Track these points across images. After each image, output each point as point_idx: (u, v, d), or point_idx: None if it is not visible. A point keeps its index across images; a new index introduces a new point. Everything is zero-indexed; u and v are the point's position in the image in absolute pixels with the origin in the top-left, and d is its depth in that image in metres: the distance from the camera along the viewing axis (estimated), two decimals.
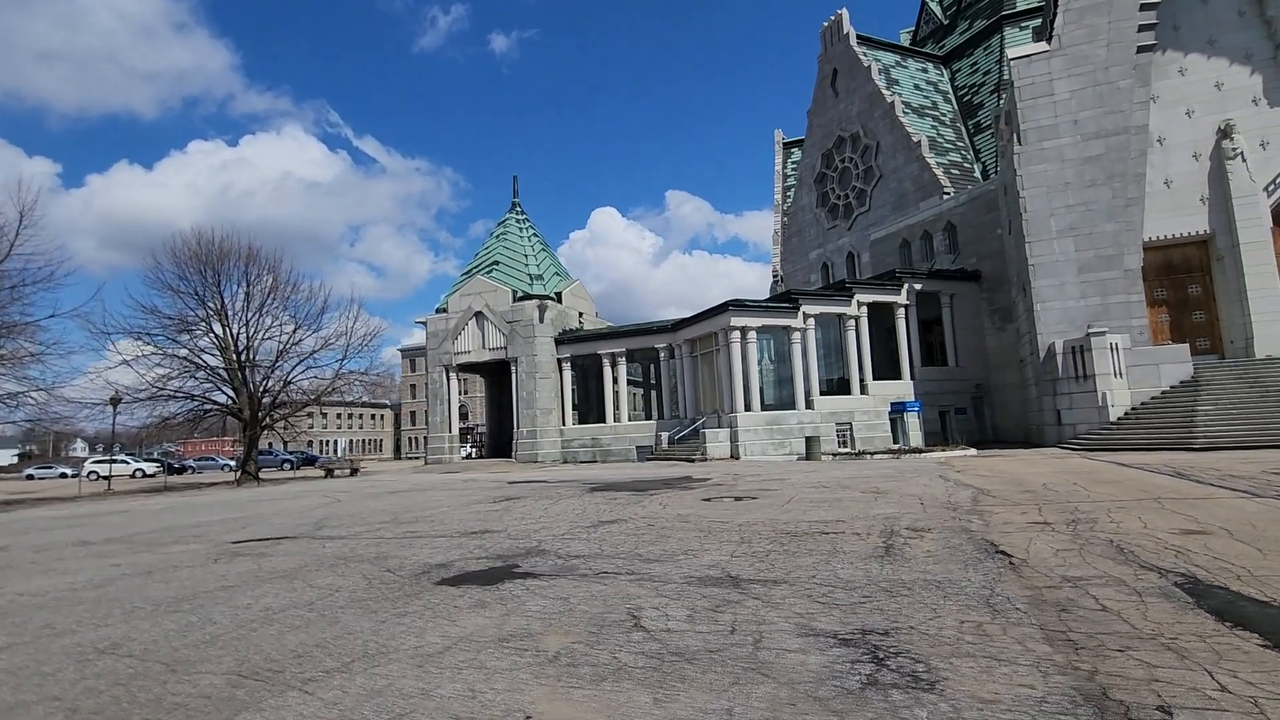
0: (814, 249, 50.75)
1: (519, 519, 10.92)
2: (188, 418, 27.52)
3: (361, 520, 11.96)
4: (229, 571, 7.61)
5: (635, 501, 12.60)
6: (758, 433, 25.97)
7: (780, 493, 12.90)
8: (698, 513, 10.53)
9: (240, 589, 6.62)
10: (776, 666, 3.76)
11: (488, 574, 6.70)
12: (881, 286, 29.37)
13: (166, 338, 26.48)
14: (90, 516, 16.87)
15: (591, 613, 5.07)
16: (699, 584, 5.84)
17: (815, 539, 7.78)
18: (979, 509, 9.54)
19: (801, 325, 27.44)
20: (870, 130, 44.37)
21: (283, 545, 9.47)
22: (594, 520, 10.16)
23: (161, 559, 8.89)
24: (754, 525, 8.95)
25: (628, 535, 8.62)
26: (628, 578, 6.22)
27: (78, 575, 7.97)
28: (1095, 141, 24.71)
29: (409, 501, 15.27)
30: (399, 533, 10.04)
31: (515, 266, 36.37)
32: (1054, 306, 24.79)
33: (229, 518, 14.13)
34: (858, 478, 15.47)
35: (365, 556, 8.08)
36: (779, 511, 10.16)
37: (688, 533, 8.60)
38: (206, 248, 27.18)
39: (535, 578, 6.40)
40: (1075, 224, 24.76)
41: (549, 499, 13.99)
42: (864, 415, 27.71)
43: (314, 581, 6.78)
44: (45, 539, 12.17)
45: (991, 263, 31.21)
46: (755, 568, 6.40)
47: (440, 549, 8.32)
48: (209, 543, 10.39)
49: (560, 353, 34.26)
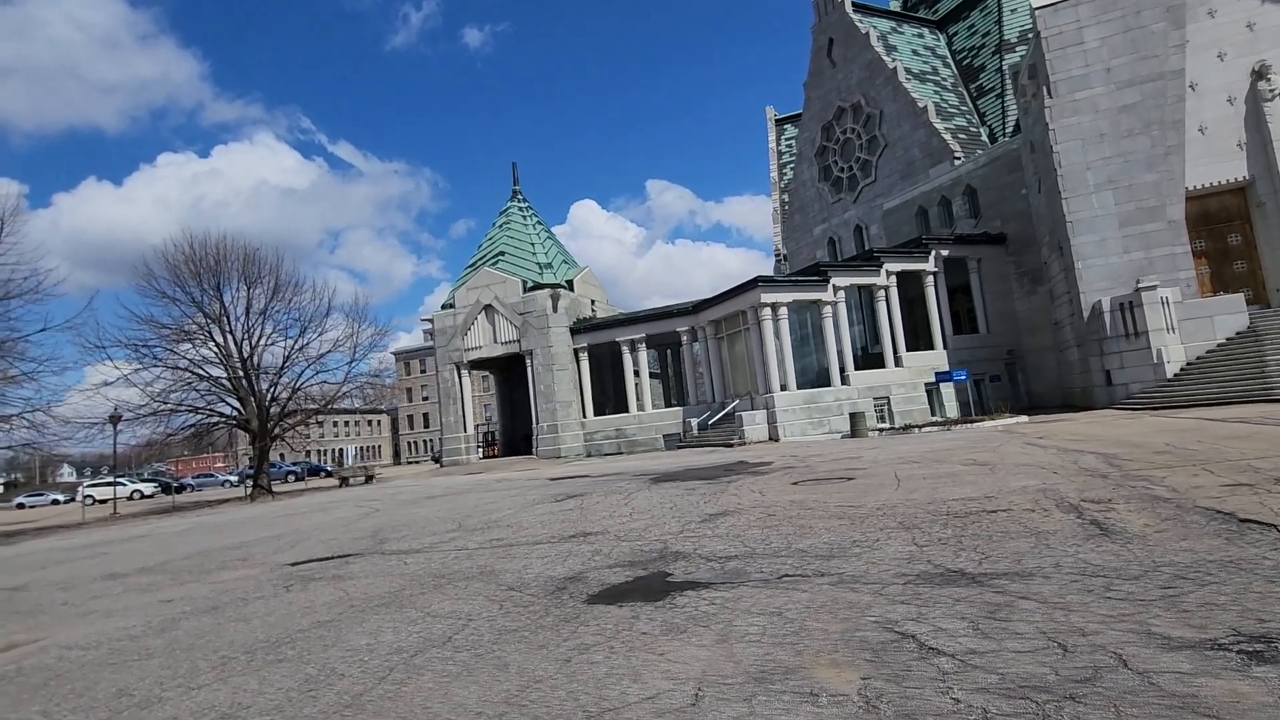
0: (818, 224, 49.69)
1: (607, 517, 9.77)
2: (194, 432, 26.09)
3: (425, 530, 10.76)
4: (313, 601, 6.42)
5: (719, 491, 11.48)
6: (795, 412, 24.93)
7: (874, 471, 11.83)
8: (808, 498, 9.43)
9: (342, 625, 5.44)
10: (1208, 702, 2.66)
11: (641, 586, 5.57)
12: (909, 254, 28.35)
13: (165, 348, 25.01)
14: (107, 544, 15.54)
15: (836, 631, 3.96)
16: (926, 583, 4.74)
17: (988, 518, 6.71)
18: (1136, 473, 8.50)
19: (832, 298, 26.37)
20: (872, 99, 43.25)
21: (353, 565, 8.27)
22: (699, 514, 9.03)
23: (218, 590, 7.68)
24: (894, 508, 7.86)
25: (760, 528, 7.50)
26: (824, 580, 5.10)
27: (128, 617, 6.75)
28: (1130, 89, 23.74)
29: (459, 506, 14.07)
30: (480, 542, 8.87)
31: (522, 256, 35.00)
32: (1096, 263, 23.87)
33: (265, 536, 12.88)
34: (937, 450, 14.44)
35: (466, 573, 6.91)
36: (903, 491, 9.08)
37: (827, 521, 7.50)
38: (201, 251, 25.67)
39: (707, 587, 5.27)
40: (1114, 176, 23.81)
41: (616, 493, 12.85)
42: (900, 388, 26.75)
43: (428, 609, 5.62)
44: (68, 573, 10.89)
45: (1017, 224, 30.27)
46: (966, 558, 5.31)
47: (551, 558, 7.16)
48: (262, 566, 9.17)
49: (576, 342, 32.99)
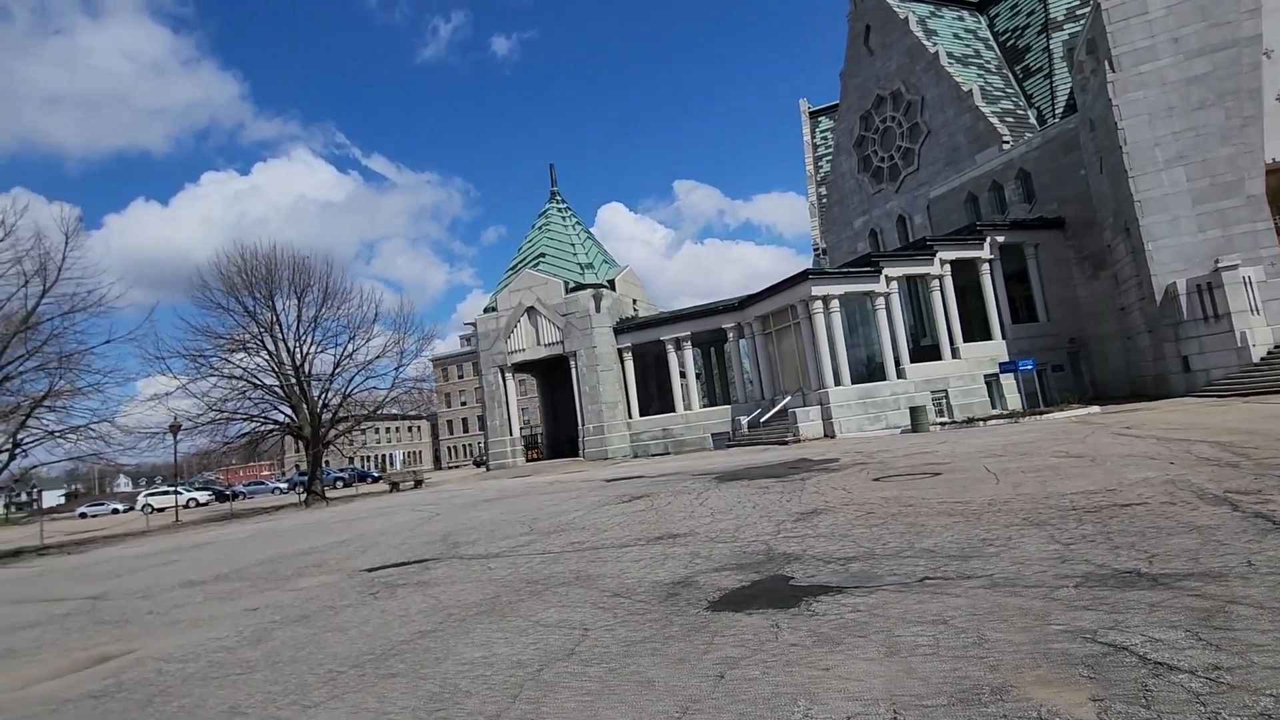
0: (859, 216, 48.66)
1: (686, 518, 9.36)
2: (249, 440, 26.45)
3: (496, 534, 10.49)
4: (406, 610, 6.14)
5: (796, 489, 10.99)
6: (851, 408, 24.20)
7: (959, 466, 11.21)
8: (902, 494, 8.89)
9: (446, 635, 5.13)
10: None
11: (763, 592, 5.14)
12: (964, 242, 27.36)
13: (220, 358, 25.40)
14: (175, 551, 15.69)
15: (1023, 642, 3.48)
16: (1099, 585, 4.23)
17: (1125, 513, 6.12)
18: (1271, 461, 7.78)
19: (885, 289, 25.56)
20: (913, 85, 42.15)
21: (435, 570, 8.01)
22: (788, 513, 8.56)
23: (301, 598, 7.48)
24: (1006, 503, 7.30)
25: (865, 527, 7.01)
26: (973, 584, 4.61)
27: (217, 627, 6.57)
28: (1200, 59, 22.49)
29: (520, 508, 13.81)
30: (561, 545, 8.54)
31: (563, 257, 34.82)
32: (1168, 244, 22.66)
33: (332, 541, 12.79)
34: (1016, 443, 13.70)
35: (560, 578, 6.57)
36: (1006, 486, 8.48)
37: (937, 519, 6.97)
38: (253, 261, 26.05)
39: (840, 592, 4.83)
40: (1184, 151, 22.58)
41: (684, 493, 12.44)
42: (959, 380, 25.79)
43: (533, 618, 5.28)
44: (144, 581, 10.90)
45: (1076, 207, 29.01)
46: (1129, 557, 4.76)
47: (646, 562, 6.78)
48: (338, 572, 8.99)
49: (620, 342, 32.66)
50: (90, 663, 5.88)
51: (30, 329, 19.13)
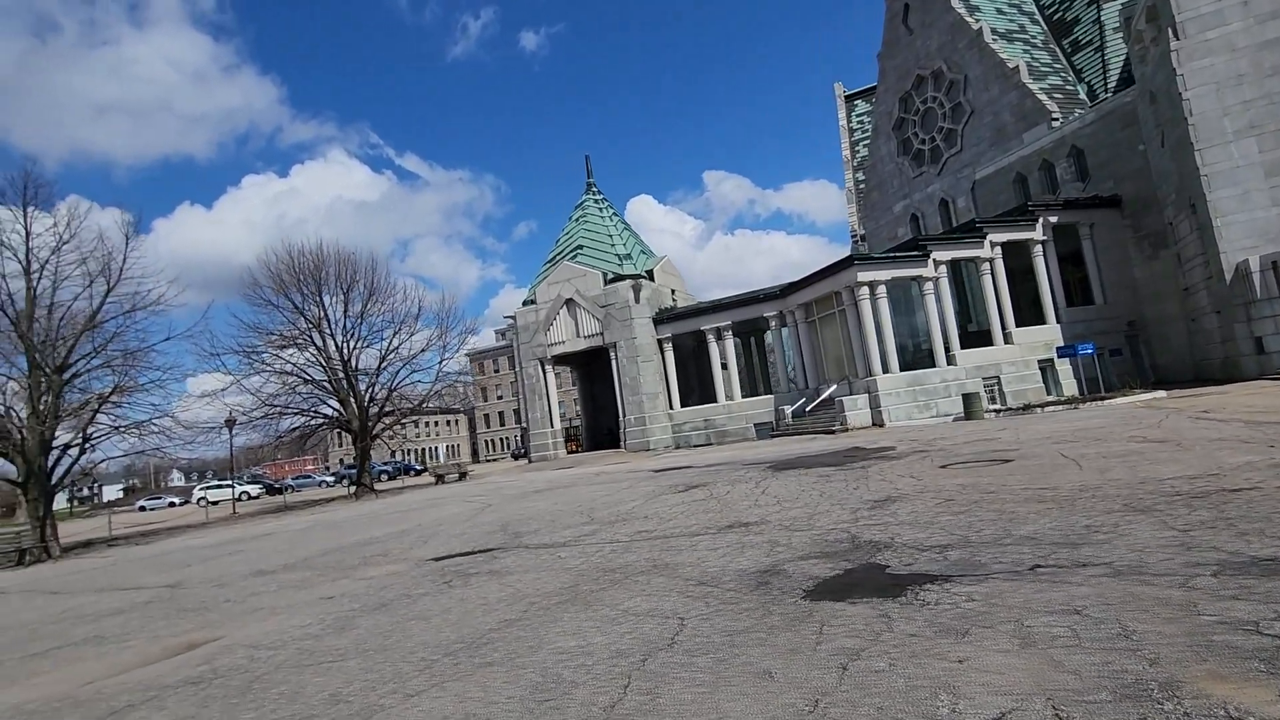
0: (898, 201, 47.53)
1: (752, 506, 9.17)
2: (301, 434, 27.05)
3: (555, 524, 10.44)
4: (485, 597, 6.09)
5: (858, 476, 10.70)
6: (899, 395, 23.64)
7: (1030, 452, 10.78)
8: (978, 481, 8.56)
9: (533, 624, 5.05)
10: None
11: (860, 580, 4.94)
12: (1015, 223, 26.45)
13: (271, 354, 25.99)
14: (240, 542, 16.07)
15: (1176, 634, 3.23)
16: (1239, 573, 3.93)
17: (1239, 498, 5.74)
18: None
19: (933, 274, 24.87)
20: (955, 64, 40.92)
21: (504, 559, 7.97)
22: (860, 501, 8.31)
23: (374, 587, 7.51)
24: (1098, 488, 6.94)
25: (950, 514, 6.74)
26: (1093, 572, 4.34)
27: (297, 615, 6.61)
28: (1273, 23, 21.28)
29: (573, 499, 13.78)
30: (628, 534, 8.43)
31: (601, 248, 34.73)
32: (1238, 219, 21.56)
33: (391, 532, 12.92)
34: (1086, 429, 13.15)
35: (637, 567, 6.45)
36: (1092, 473, 8.10)
37: (1026, 505, 6.66)
38: (299, 259, 26.55)
39: (948, 581, 4.60)
40: (1256, 121, 21.42)
41: (742, 482, 12.24)
42: (1011, 366, 25.00)
43: (621, 606, 5.16)
44: (216, 570, 11.14)
45: (1133, 184, 27.81)
46: (1263, 544, 4.43)
47: (723, 550, 6.62)
48: (404, 561, 9.03)
49: (660, 333, 32.47)
50: (181, 649, 5.97)
51: (95, 328, 19.85)
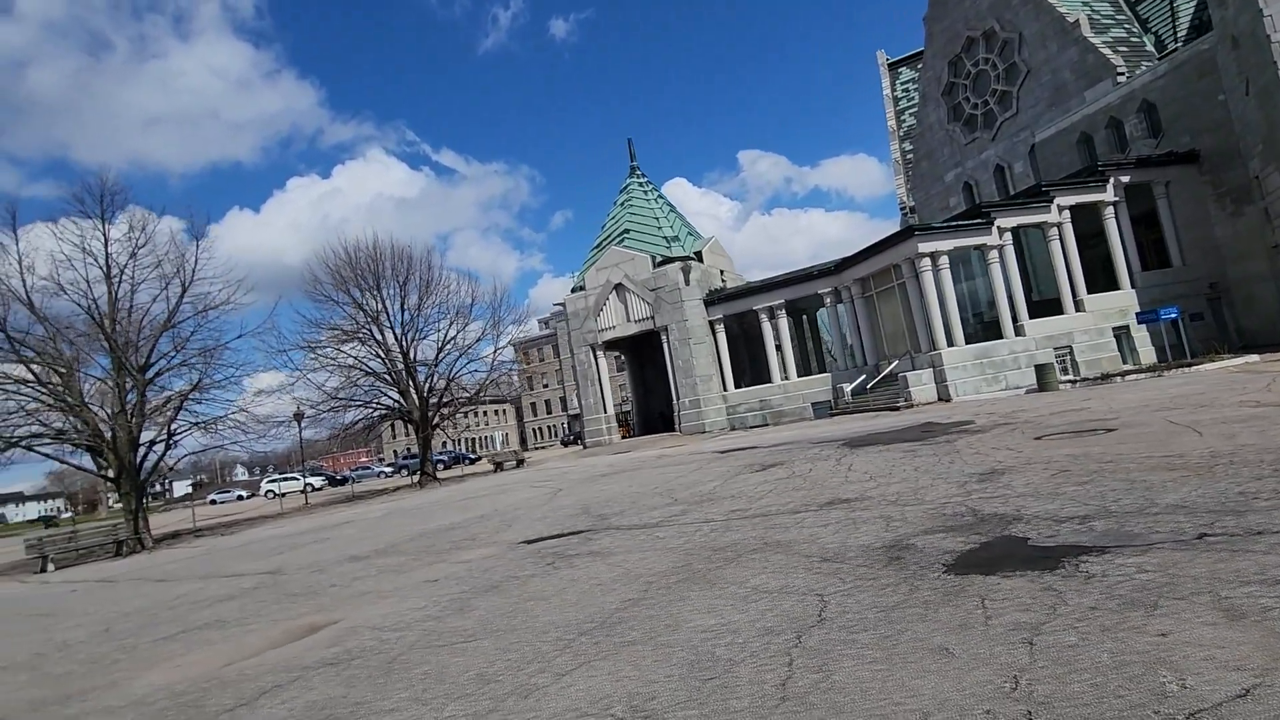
0: (950, 170, 45.90)
1: (843, 483, 8.96)
2: (366, 425, 27.79)
3: (638, 505, 10.41)
4: (596, 577, 6.07)
5: (947, 451, 10.36)
6: (966, 369, 22.93)
7: (1131, 421, 10.26)
8: (1088, 451, 8.17)
9: (660, 602, 4.98)
10: None
11: (1000, 554, 4.72)
12: (1083, 185, 25.23)
13: (334, 348, 26.70)
14: (321, 530, 16.58)
15: None
16: None
17: None
18: None
19: (998, 241, 23.95)
20: (1008, 22, 39.10)
21: (599, 541, 7.96)
22: (962, 474, 8.02)
23: (475, 570, 7.58)
24: (1231, 455, 6.52)
25: (1071, 485, 6.42)
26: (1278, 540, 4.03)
27: (407, 598, 6.71)
28: None
29: (646, 481, 13.75)
30: (721, 513, 8.32)
31: (648, 231, 34.52)
32: None
33: (470, 517, 13.12)
34: (1182, 395, 12.49)
35: (747, 545, 6.33)
36: (1216, 439, 7.63)
37: (1156, 474, 6.29)
38: (355, 254, 27.13)
39: (1102, 552, 4.35)
40: None
41: (820, 460, 12.01)
42: (1083, 335, 23.96)
43: (748, 584, 5.05)
44: (309, 557, 11.47)
45: (1213, 138, 26.19)
46: None
47: (835, 526, 6.46)
48: (495, 545, 9.12)
49: (711, 314, 32.19)
50: (303, 632, 6.11)
51: (172, 328, 20.69)
